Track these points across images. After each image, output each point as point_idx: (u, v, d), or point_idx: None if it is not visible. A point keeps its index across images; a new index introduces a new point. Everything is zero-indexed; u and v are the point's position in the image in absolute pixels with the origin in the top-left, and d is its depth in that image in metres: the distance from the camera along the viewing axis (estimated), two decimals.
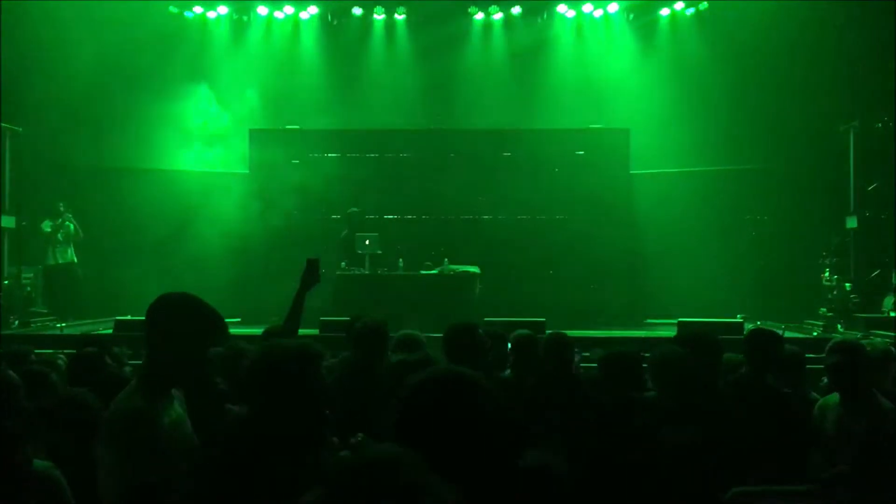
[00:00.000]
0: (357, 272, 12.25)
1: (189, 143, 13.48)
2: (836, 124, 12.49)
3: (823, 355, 4.28)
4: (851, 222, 11.95)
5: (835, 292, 11.56)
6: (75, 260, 12.21)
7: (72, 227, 12.20)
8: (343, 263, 12.32)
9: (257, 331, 5.55)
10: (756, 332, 4.86)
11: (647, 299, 13.31)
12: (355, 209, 12.75)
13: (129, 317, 9.67)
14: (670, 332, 10.00)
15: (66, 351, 5.72)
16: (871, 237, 11.75)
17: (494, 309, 10.96)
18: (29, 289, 12.45)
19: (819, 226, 12.80)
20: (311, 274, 4.24)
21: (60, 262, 12.06)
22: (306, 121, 14.25)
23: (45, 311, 12.44)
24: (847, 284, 11.49)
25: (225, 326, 2.91)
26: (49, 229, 12.04)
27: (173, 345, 2.77)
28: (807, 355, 5.25)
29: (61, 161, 13.16)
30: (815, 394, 4.79)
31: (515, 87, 14.47)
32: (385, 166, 14.04)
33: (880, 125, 11.69)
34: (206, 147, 13.57)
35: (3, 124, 12.01)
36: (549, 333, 4.91)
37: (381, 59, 14.82)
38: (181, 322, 2.80)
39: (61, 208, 12.12)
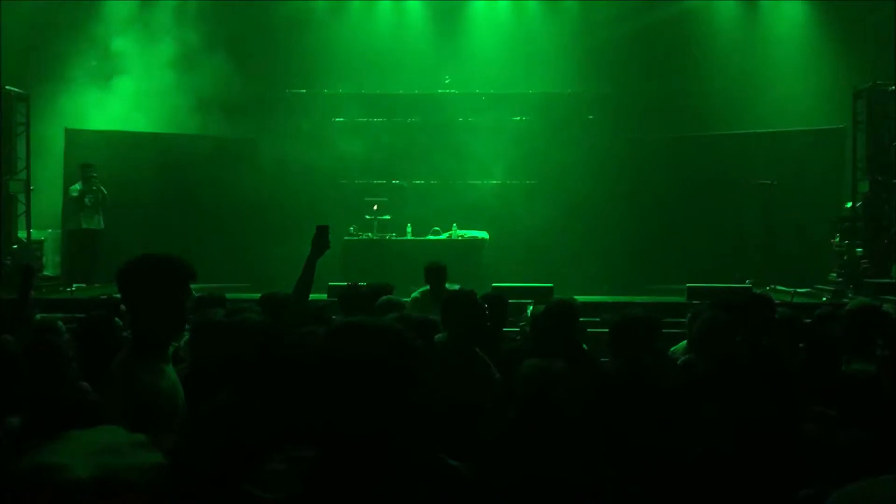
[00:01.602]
0: (365, 237, 12.27)
1: (205, 109, 13.41)
2: (850, 87, 12.32)
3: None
4: (863, 186, 11.83)
5: (845, 257, 11.49)
6: (102, 226, 12.09)
7: (102, 192, 11.99)
8: (351, 228, 12.35)
9: None
10: (751, 297, 4.91)
11: (654, 264, 13.27)
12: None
13: None
14: (679, 298, 10.02)
15: (75, 315, 5.74)
16: (882, 201, 11.63)
17: (503, 274, 10.97)
18: (38, 253, 12.48)
19: (830, 190, 12.70)
20: (322, 240, 4.23)
21: (85, 227, 11.94)
22: (313, 85, 14.17)
23: (53, 274, 12.49)
24: (858, 249, 11.41)
25: (192, 269, 2.91)
26: (77, 193, 11.91)
27: (152, 299, 2.78)
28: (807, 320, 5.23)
29: (73, 125, 13.19)
30: None
31: (523, 50, 14.32)
32: (393, 131, 13.96)
33: (893, 88, 11.51)
34: (221, 113, 13.49)
35: (11, 88, 11.96)
36: (554, 301, 4.78)
37: (390, 23, 14.67)
38: (152, 275, 2.80)
39: (92, 174, 11.96)
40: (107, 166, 12.47)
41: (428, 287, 7.16)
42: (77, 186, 11.91)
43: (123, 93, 13.09)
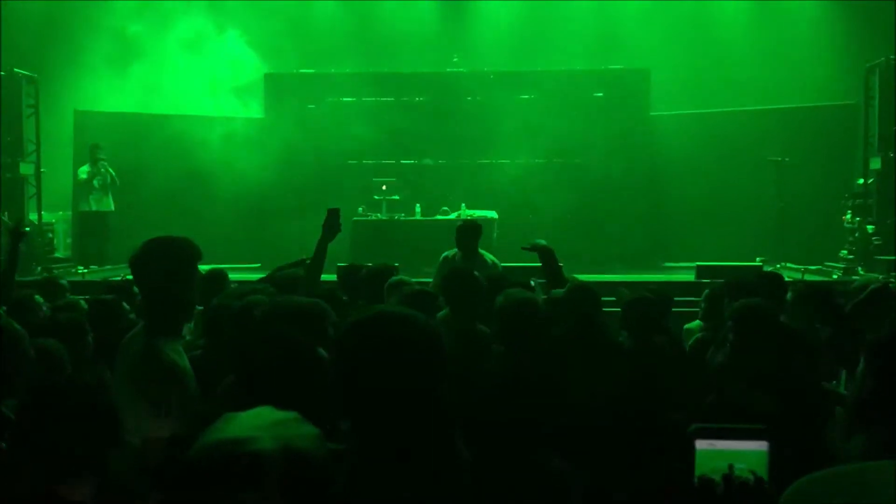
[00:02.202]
0: (374, 217, 12.27)
1: (215, 90, 13.40)
2: (862, 62, 12.21)
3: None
4: (875, 163, 11.74)
5: (856, 234, 11.43)
6: (112, 208, 12.11)
7: (111, 174, 11.99)
8: (360, 209, 12.35)
9: None
10: (763, 275, 4.94)
11: (665, 242, 13.25)
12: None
13: None
14: (689, 276, 10.00)
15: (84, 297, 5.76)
16: (894, 178, 11.55)
17: (512, 255, 10.95)
18: (50, 235, 12.53)
19: (842, 166, 12.62)
20: (332, 223, 4.26)
21: (95, 208, 11.97)
22: (322, 64, 14.13)
23: (64, 257, 12.55)
24: (869, 226, 11.34)
25: (198, 249, 2.99)
26: (85, 176, 11.92)
27: (164, 282, 2.84)
28: None
29: (82, 107, 13.22)
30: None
31: (532, 27, 14.23)
32: (401, 110, 13.90)
33: None
34: (230, 94, 13.49)
35: (20, 70, 11.96)
36: (572, 284, 4.76)
37: (398, 2, 14.59)
38: (162, 258, 2.87)
39: (101, 155, 11.96)
40: (117, 148, 12.50)
41: (455, 250, 6.98)
42: (85, 168, 11.93)
43: (134, 75, 13.09)
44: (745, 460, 1.69)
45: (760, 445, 1.70)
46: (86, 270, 11.34)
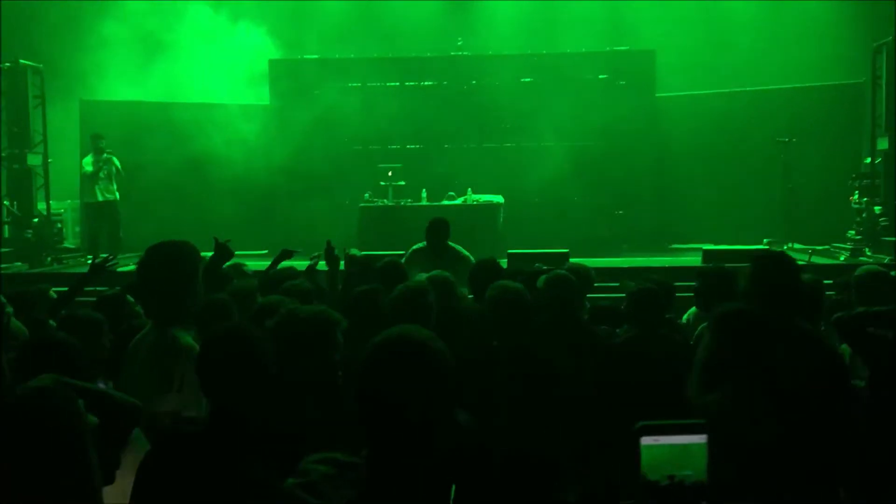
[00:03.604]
0: (380, 203, 12.29)
1: (223, 77, 13.40)
2: (870, 41, 12.13)
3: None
4: (882, 143, 11.68)
5: (864, 215, 11.40)
6: (118, 197, 12.12)
7: (115, 164, 11.98)
8: (367, 195, 12.37)
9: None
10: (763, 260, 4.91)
11: (672, 225, 13.24)
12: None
13: None
14: (696, 259, 10.01)
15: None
16: None
17: (518, 239, 10.97)
18: (59, 225, 12.58)
19: (849, 147, 12.57)
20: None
21: (101, 199, 11.96)
22: (327, 50, 14.12)
23: (74, 246, 12.60)
24: (876, 207, 11.31)
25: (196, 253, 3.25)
26: (91, 168, 11.89)
27: (175, 282, 3.07)
28: (828, 281, 5.16)
29: (88, 97, 13.25)
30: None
31: (537, 9, 14.17)
32: (406, 95, 13.89)
33: None
34: (237, 81, 13.48)
35: (26, 61, 11.97)
36: (551, 273, 4.64)
37: None
38: (172, 261, 3.11)
39: (103, 146, 11.96)
40: (123, 137, 12.52)
41: (424, 244, 6.95)
42: (89, 159, 11.90)
43: (142, 64, 13.09)
44: (686, 454, 1.76)
45: (700, 439, 1.76)
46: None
